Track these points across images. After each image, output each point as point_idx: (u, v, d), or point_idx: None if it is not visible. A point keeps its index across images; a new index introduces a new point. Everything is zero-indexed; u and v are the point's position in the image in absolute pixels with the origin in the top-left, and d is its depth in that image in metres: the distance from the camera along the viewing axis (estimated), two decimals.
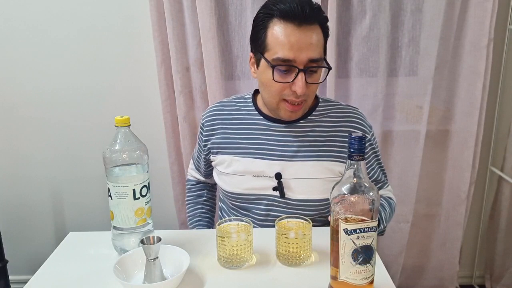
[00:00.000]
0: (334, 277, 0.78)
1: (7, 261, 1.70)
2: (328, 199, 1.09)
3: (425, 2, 1.54)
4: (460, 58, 1.59)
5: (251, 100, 1.18)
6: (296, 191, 1.10)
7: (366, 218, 0.73)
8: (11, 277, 1.75)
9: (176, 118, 1.66)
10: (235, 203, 1.17)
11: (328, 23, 1.04)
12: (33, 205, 1.86)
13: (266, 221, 1.13)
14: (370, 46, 1.57)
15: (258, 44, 1.04)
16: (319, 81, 1.04)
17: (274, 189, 1.11)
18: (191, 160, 1.38)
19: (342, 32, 1.57)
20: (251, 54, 1.10)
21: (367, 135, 1.13)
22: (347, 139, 1.10)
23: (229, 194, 1.16)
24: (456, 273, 1.83)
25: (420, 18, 1.56)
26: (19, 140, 1.78)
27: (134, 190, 0.91)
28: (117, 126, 0.91)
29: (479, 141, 1.66)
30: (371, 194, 0.73)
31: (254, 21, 1.06)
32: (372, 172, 1.17)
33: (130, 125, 0.92)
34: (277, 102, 1.05)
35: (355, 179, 0.73)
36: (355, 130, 1.12)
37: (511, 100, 1.72)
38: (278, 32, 0.98)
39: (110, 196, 0.92)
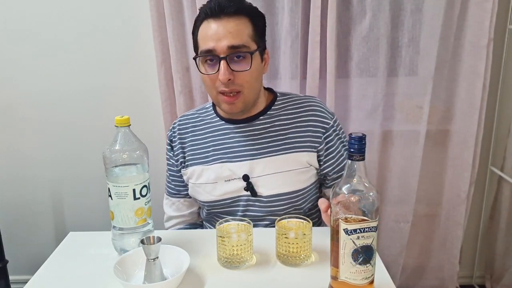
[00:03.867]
0: (334, 277, 0.78)
1: (7, 261, 1.70)
2: (299, 191, 1.12)
3: (425, 2, 1.54)
4: (460, 58, 1.59)
5: (211, 107, 1.21)
6: (267, 187, 1.11)
7: (366, 218, 0.73)
8: (11, 277, 1.75)
9: (176, 118, 1.65)
10: (213, 210, 1.18)
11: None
12: (33, 205, 1.86)
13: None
14: (370, 46, 1.57)
15: (194, 48, 1.10)
16: (247, 69, 1.03)
17: (246, 189, 1.12)
18: (166, 201, 1.29)
19: (342, 32, 1.57)
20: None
21: (328, 121, 1.14)
22: (309, 128, 1.13)
23: (206, 204, 1.17)
24: (456, 273, 1.82)
25: (420, 18, 1.55)
26: (19, 140, 1.78)
27: (134, 190, 0.91)
28: (117, 126, 0.91)
29: (479, 141, 1.65)
30: (371, 194, 0.73)
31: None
32: (341, 158, 1.16)
33: (130, 125, 0.92)
34: (215, 96, 1.08)
35: (355, 179, 0.73)
36: (316, 118, 1.13)
37: (511, 100, 1.72)
38: (203, 29, 1.05)
39: (110, 196, 0.92)
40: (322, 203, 0.93)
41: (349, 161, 0.73)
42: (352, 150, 0.72)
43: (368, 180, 0.74)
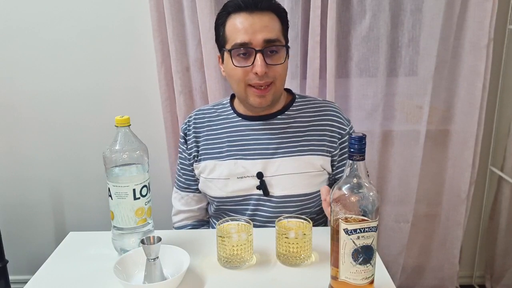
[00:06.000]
0: (334, 277, 0.78)
1: (7, 261, 1.70)
2: (310, 194, 1.12)
3: (425, 2, 1.54)
4: (460, 58, 1.59)
5: (228, 103, 1.21)
6: (279, 187, 1.11)
7: (366, 218, 0.73)
8: (11, 277, 1.75)
9: (176, 118, 1.66)
10: (222, 207, 1.17)
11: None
12: (33, 205, 1.86)
13: (254, 221, 1.13)
14: (370, 46, 1.57)
15: (219, 41, 1.10)
16: (281, 62, 1.06)
17: (258, 188, 1.12)
18: (175, 195, 1.29)
19: (342, 32, 1.57)
20: (218, 55, 1.15)
21: (345, 127, 1.15)
22: (325, 133, 1.13)
23: (216, 199, 1.17)
24: (456, 273, 1.83)
25: (420, 18, 1.56)
26: (19, 140, 1.78)
27: (134, 190, 0.91)
28: (117, 126, 0.91)
29: (479, 141, 1.66)
30: (371, 194, 0.73)
31: (215, 23, 1.12)
32: None
33: (130, 125, 0.92)
34: (243, 89, 1.07)
35: (355, 179, 0.73)
36: (333, 124, 1.14)
37: (511, 100, 1.72)
38: (234, 23, 1.05)
39: (110, 196, 0.92)
40: (325, 192, 0.94)
41: (349, 161, 0.73)
42: (352, 150, 0.72)
43: (368, 180, 0.74)
